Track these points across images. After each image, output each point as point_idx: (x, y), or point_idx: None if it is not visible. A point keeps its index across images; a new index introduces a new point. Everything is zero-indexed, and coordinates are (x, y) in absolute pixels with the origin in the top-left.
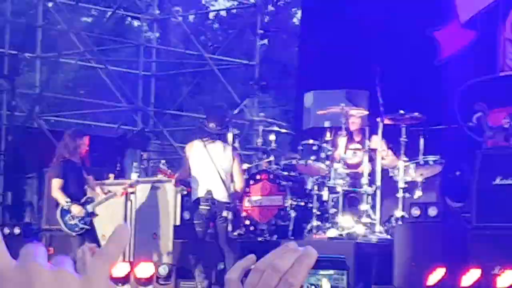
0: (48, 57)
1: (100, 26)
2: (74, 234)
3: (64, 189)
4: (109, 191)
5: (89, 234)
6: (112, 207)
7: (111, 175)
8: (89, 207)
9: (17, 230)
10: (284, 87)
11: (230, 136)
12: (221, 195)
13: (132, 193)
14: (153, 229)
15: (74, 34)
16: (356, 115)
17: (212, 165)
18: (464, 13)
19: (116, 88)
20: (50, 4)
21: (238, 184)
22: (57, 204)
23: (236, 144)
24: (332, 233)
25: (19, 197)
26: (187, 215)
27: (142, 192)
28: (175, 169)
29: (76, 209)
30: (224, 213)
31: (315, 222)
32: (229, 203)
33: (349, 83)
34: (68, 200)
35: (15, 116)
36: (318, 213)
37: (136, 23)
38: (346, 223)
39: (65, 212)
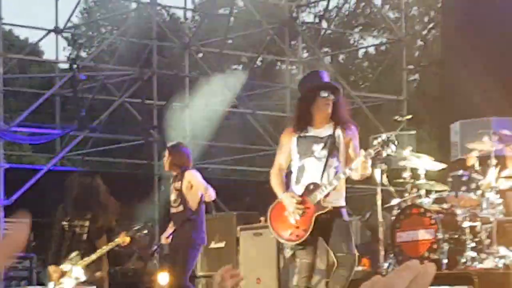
0: (197, 106)
1: (249, 72)
2: None
3: None
4: None
5: None
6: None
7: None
8: None
9: None
10: (433, 120)
11: (378, 172)
12: None
13: None
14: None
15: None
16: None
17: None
18: None
19: (265, 133)
20: (200, 55)
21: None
22: None
23: (384, 180)
24: (488, 263)
25: None
26: None
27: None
28: None
29: None
30: None
31: (469, 254)
32: None
33: (497, 110)
34: None
35: None
36: (473, 244)
37: (284, 66)
38: (502, 253)
39: None
